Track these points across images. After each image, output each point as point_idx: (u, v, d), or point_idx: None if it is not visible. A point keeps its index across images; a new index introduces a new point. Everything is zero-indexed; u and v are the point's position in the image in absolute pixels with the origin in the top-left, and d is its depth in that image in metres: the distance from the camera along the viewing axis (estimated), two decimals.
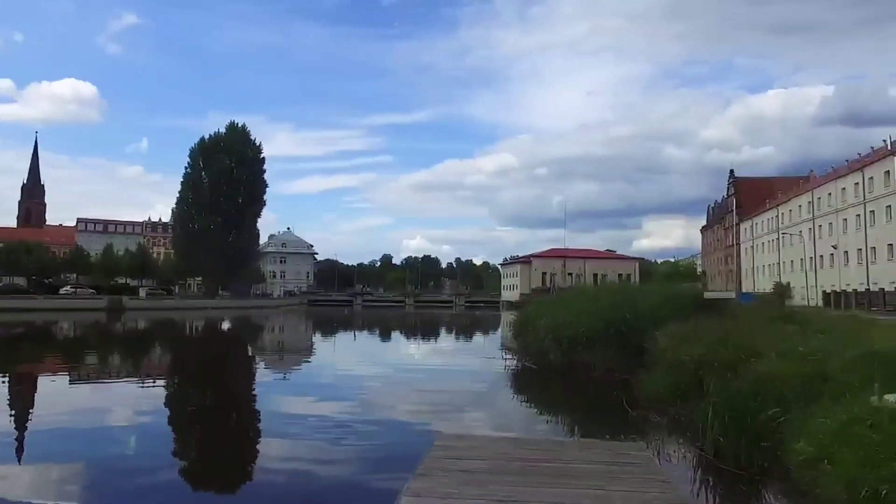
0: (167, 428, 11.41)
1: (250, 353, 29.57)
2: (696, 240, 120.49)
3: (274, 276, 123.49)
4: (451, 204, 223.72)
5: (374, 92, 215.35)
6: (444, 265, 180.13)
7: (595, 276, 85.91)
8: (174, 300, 78.22)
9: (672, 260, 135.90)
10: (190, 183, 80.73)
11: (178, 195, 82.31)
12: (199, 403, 13.77)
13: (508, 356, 19.94)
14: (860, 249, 57.35)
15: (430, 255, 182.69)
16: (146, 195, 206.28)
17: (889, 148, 55.71)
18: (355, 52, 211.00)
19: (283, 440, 9.88)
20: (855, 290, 48.57)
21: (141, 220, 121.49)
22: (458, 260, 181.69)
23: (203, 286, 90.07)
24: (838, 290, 51.96)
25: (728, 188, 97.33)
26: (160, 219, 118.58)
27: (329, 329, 48.90)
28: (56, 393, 15.27)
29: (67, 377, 18.83)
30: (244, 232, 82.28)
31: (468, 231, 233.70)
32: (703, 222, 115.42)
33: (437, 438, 6.50)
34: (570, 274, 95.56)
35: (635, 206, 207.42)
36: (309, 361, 25.69)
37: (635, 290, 23.21)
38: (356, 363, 23.12)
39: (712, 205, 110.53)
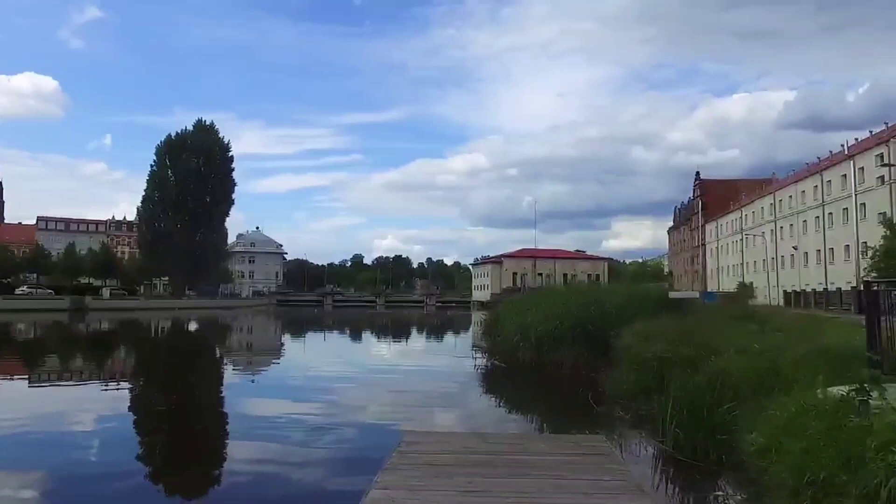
0: (131, 432, 11.14)
1: (218, 355, 29.16)
2: (664, 240, 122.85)
3: (242, 276, 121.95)
4: (422, 204, 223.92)
5: (345, 90, 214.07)
6: (415, 265, 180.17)
7: (565, 276, 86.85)
8: (139, 300, 76.73)
9: (640, 260, 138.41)
10: (156, 181, 79.32)
11: (143, 193, 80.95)
12: (164, 406, 13.46)
13: (479, 355, 20.14)
14: (819, 250, 59.19)
15: (401, 255, 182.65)
16: (109, 193, 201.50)
17: (846, 153, 57.62)
18: (326, 50, 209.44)
19: (252, 442, 9.80)
20: (814, 289, 50.09)
21: (104, 219, 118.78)
22: (429, 260, 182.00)
23: (169, 286, 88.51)
24: (798, 290, 53.52)
25: (694, 190, 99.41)
26: (124, 217, 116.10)
27: (299, 329, 48.53)
28: (13, 397, 14.85)
29: (27, 380, 18.39)
30: (212, 231, 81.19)
31: (439, 231, 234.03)
32: (671, 223, 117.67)
33: (405, 435, 6.63)
34: (541, 274, 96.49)
35: (604, 207, 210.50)
36: (278, 362, 25.51)
37: (602, 290, 23.66)
38: (326, 364, 23.04)
39: (679, 206, 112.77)
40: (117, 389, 16.57)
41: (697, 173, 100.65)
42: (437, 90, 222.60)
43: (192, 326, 49.06)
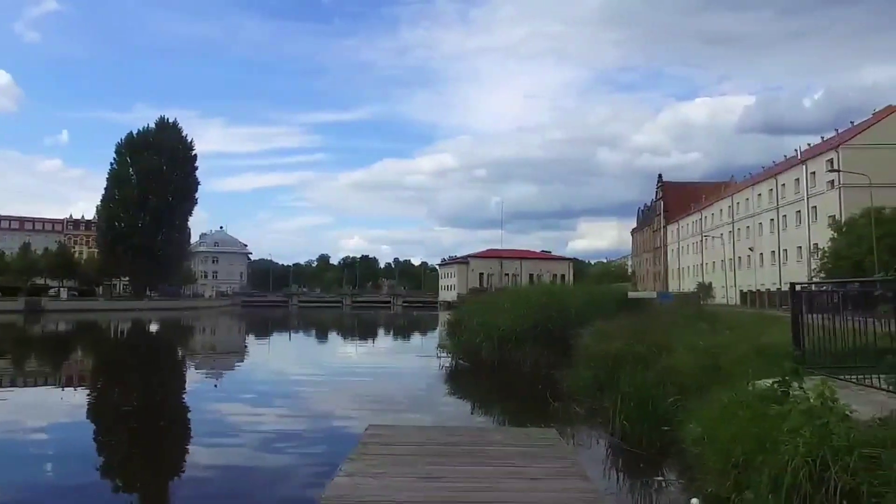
0: (87, 437, 10.78)
1: (180, 357, 28.81)
2: (629, 241, 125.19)
3: (206, 277, 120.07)
4: (390, 204, 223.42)
5: (312, 89, 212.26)
6: (382, 265, 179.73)
7: (531, 276, 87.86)
8: (98, 301, 74.99)
9: (605, 261, 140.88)
10: (116, 179, 77.67)
11: (103, 192, 79.11)
12: (123, 410, 13.15)
13: (443, 355, 20.54)
14: (773, 251, 61.34)
15: (368, 255, 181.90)
16: (66, 191, 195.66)
17: (798, 157, 59.89)
18: (293, 47, 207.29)
19: (214, 445, 9.79)
20: (768, 289, 51.97)
21: (61, 218, 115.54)
22: (396, 260, 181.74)
23: (130, 287, 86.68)
24: (754, 290, 55.47)
25: (656, 192, 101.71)
26: (83, 216, 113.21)
27: (264, 331, 48.20)
28: None
29: None
30: (174, 231, 79.85)
31: (407, 231, 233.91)
32: (634, 224, 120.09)
33: (369, 428, 6.97)
34: (507, 274, 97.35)
35: (571, 208, 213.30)
36: (242, 364, 25.40)
37: (563, 290, 24.29)
38: (291, 365, 23.11)
39: (642, 207, 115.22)
40: (73, 393, 16.15)
41: (660, 176, 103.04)
42: (406, 90, 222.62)
43: (154, 328, 48.25)
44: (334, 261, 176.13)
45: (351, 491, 4.61)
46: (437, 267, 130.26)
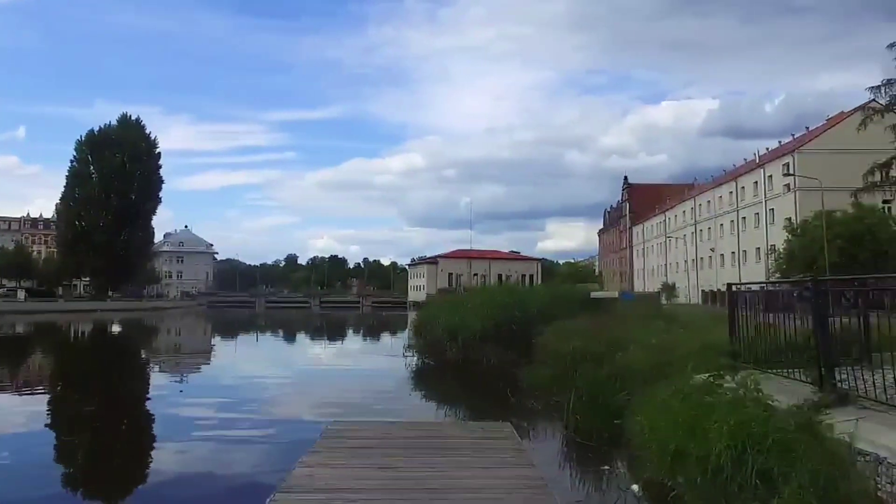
0: (46, 440, 10.49)
1: (142, 358, 28.35)
2: (597, 241, 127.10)
3: (170, 277, 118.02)
4: (359, 203, 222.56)
5: (279, 86, 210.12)
6: (351, 265, 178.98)
7: (500, 276, 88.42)
8: (58, 302, 73.11)
9: (573, 261, 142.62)
10: (77, 177, 75.84)
11: (62, 190, 77.20)
12: (82, 413, 12.88)
13: (410, 355, 20.76)
14: (733, 252, 63.14)
15: (337, 255, 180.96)
16: (23, 188, 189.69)
17: (757, 161, 61.77)
18: (259, 44, 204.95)
19: (176, 444, 9.79)
20: None
21: (18, 216, 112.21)
22: (365, 260, 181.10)
23: (91, 287, 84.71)
24: (715, 290, 56.99)
25: (622, 193, 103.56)
26: (41, 215, 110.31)
27: (230, 331, 47.71)
28: None
29: None
30: (137, 230, 78.25)
31: (377, 231, 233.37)
32: (602, 225, 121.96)
33: (330, 423, 7.19)
34: (476, 274, 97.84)
35: (539, 209, 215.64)
36: (207, 365, 25.19)
37: (527, 290, 24.75)
38: (258, 366, 23.03)
39: (608, 209, 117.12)
40: (31, 396, 15.78)
41: (626, 178, 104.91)
42: (374, 89, 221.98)
43: (115, 329, 47.34)
44: (302, 261, 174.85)
45: (308, 481, 4.85)
46: (407, 267, 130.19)
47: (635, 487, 5.51)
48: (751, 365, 6.63)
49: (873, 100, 30.34)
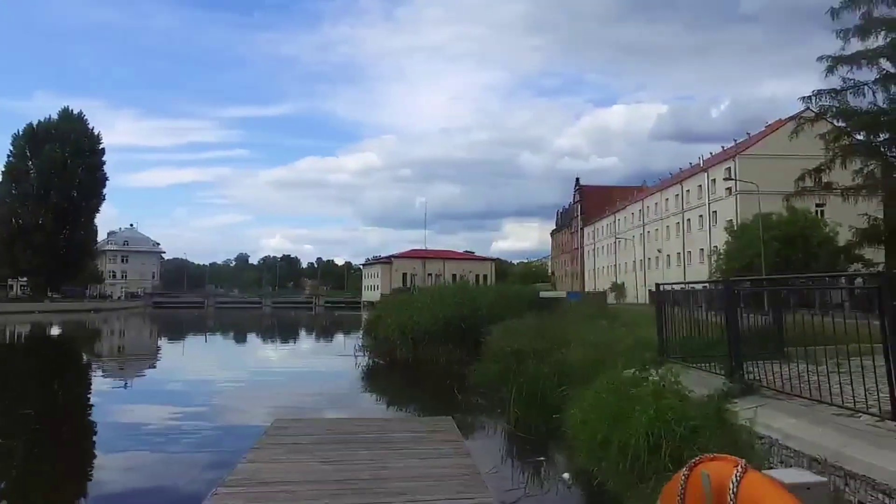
0: None
1: (84, 361, 27.38)
2: (550, 242, 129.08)
3: (114, 276, 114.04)
4: (313, 202, 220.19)
5: (230, 82, 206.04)
6: (304, 265, 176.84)
7: (454, 276, 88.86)
8: None
9: (527, 261, 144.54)
10: (13, 173, 72.64)
11: None
12: (17, 418, 12.29)
13: (361, 354, 20.82)
14: (679, 253, 65.29)
15: (290, 255, 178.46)
16: None
17: (701, 165, 64.05)
18: (210, 38, 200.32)
19: (119, 446, 9.61)
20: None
21: None
22: (319, 260, 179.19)
23: (29, 288, 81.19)
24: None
25: (574, 195, 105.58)
26: None
27: (177, 333, 46.57)
28: None
29: None
30: (79, 229, 75.46)
31: (331, 230, 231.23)
32: (555, 226, 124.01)
33: (275, 421, 7.30)
34: (430, 274, 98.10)
35: (495, 209, 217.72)
36: (152, 368, 24.55)
37: (477, 290, 25.14)
38: (205, 368, 22.66)
39: (561, 210, 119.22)
40: None
41: (577, 180, 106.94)
42: (329, 87, 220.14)
43: (55, 331, 45.56)
44: (254, 260, 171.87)
45: (250, 475, 4.98)
46: (361, 267, 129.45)
47: (566, 476, 5.84)
48: (679, 359, 7.07)
49: (807, 108, 31.99)
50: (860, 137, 23.09)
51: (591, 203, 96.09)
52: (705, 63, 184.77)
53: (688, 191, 64.41)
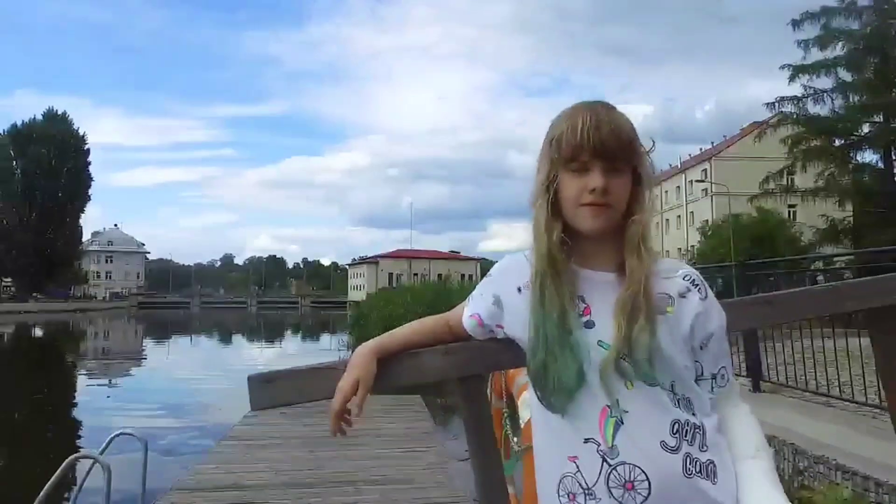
0: None
1: (68, 363, 26.77)
2: None
3: (98, 277, 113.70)
4: (299, 202, 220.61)
5: (216, 81, 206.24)
6: (290, 265, 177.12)
7: (440, 275, 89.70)
8: None
9: None
10: None
11: None
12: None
13: (344, 348, 21.70)
14: (658, 252, 66.62)
15: (275, 255, 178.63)
16: None
17: (679, 167, 65.62)
18: (195, 36, 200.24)
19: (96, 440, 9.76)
20: None
21: None
22: (305, 260, 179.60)
23: (13, 288, 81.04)
24: None
25: None
26: None
27: (162, 334, 46.90)
28: None
29: None
30: (64, 229, 75.59)
31: (318, 230, 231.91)
32: None
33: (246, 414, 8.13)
34: (416, 274, 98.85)
35: (482, 210, 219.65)
36: (136, 369, 24.44)
37: (457, 286, 26.12)
38: (190, 369, 22.75)
39: None
40: None
41: None
42: (316, 86, 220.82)
43: (38, 332, 45.74)
44: (239, 260, 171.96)
45: (222, 453, 5.81)
46: (347, 267, 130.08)
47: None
48: None
49: (780, 112, 33.31)
50: (817, 143, 24.38)
51: None
52: (690, 64, 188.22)
53: (666, 192, 65.91)
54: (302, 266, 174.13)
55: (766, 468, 1.09)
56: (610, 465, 1.02)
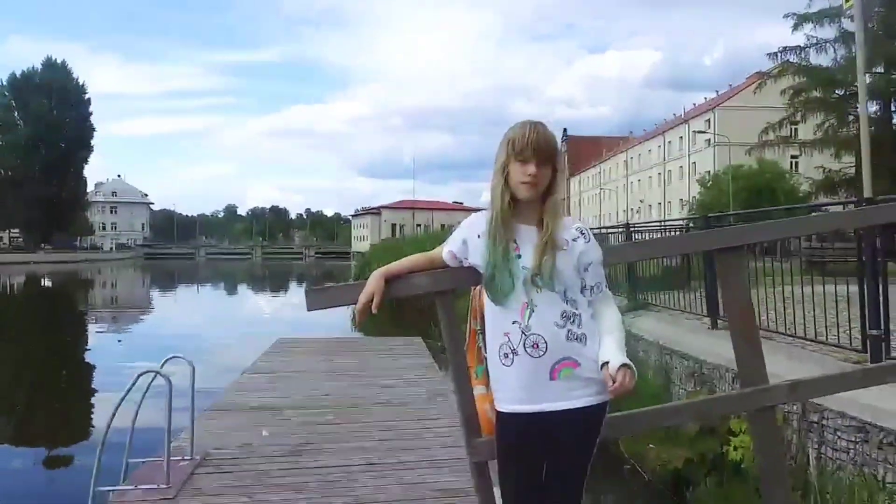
0: None
1: (80, 312, 27.36)
2: None
3: (103, 228, 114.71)
4: (302, 151, 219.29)
5: (215, 25, 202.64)
6: (293, 216, 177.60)
7: (442, 226, 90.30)
8: None
9: None
10: (1, 125, 72.56)
11: None
12: (17, 362, 13.27)
13: None
14: (660, 203, 67.06)
15: (278, 206, 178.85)
16: None
17: (683, 116, 65.18)
18: None
19: (117, 385, 10.38)
20: None
21: None
22: (308, 211, 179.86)
23: (21, 239, 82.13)
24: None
25: (562, 145, 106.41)
26: None
27: (170, 284, 47.90)
28: None
29: None
30: (69, 180, 76.01)
31: (320, 181, 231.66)
32: None
33: (277, 340, 8.99)
34: (419, 225, 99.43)
35: (486, 159, 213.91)
36: (147, 317, 25.03)
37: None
38: (201, 317, 23.42)
39: None
40: None
41: (565, 130, 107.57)
42: (316, 31, 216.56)
43: (48, 282, 46.74)
44: (242, 211, 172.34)
45: (248, 381, 6.60)
46: (350, 218, 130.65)
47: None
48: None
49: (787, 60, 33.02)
50: (818, 94, 24.42)
51: (579, 153, 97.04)
52: (698, 10, 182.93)
53: (669, 142, 65.70)
54: (305, 217, 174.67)
55: (617, 338, 1.86)
56: (525, 336, 1.80)
